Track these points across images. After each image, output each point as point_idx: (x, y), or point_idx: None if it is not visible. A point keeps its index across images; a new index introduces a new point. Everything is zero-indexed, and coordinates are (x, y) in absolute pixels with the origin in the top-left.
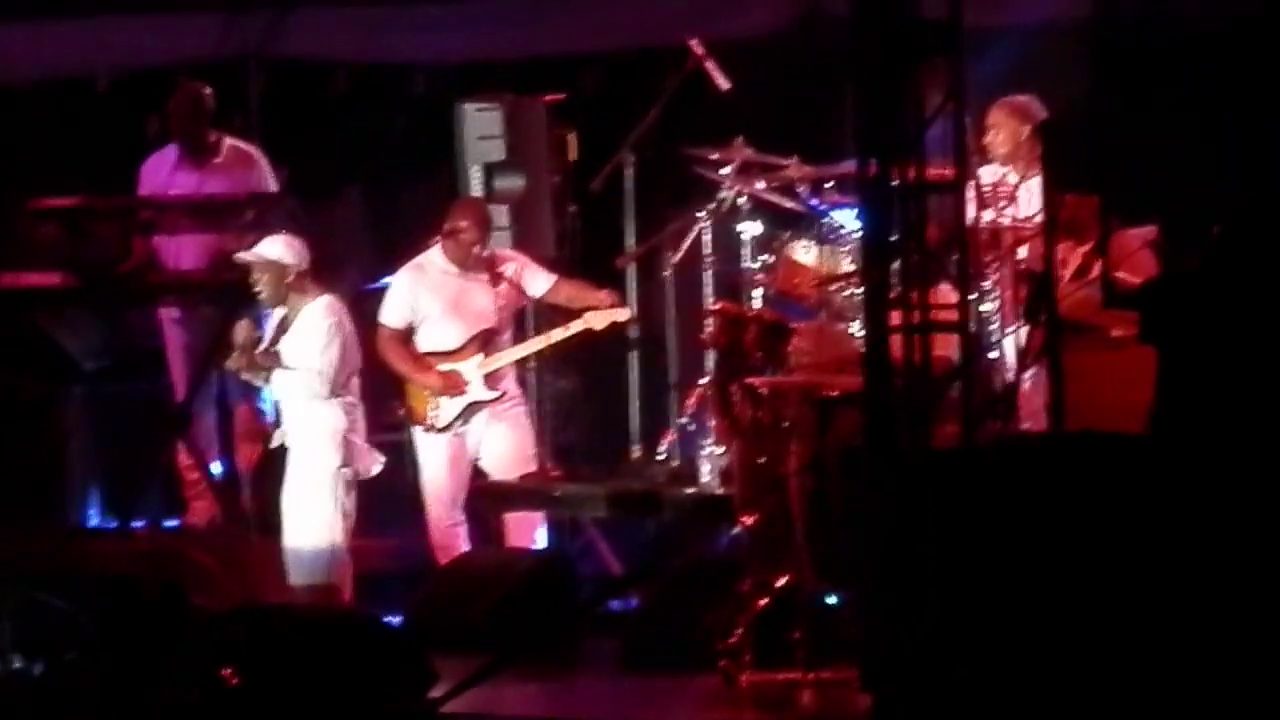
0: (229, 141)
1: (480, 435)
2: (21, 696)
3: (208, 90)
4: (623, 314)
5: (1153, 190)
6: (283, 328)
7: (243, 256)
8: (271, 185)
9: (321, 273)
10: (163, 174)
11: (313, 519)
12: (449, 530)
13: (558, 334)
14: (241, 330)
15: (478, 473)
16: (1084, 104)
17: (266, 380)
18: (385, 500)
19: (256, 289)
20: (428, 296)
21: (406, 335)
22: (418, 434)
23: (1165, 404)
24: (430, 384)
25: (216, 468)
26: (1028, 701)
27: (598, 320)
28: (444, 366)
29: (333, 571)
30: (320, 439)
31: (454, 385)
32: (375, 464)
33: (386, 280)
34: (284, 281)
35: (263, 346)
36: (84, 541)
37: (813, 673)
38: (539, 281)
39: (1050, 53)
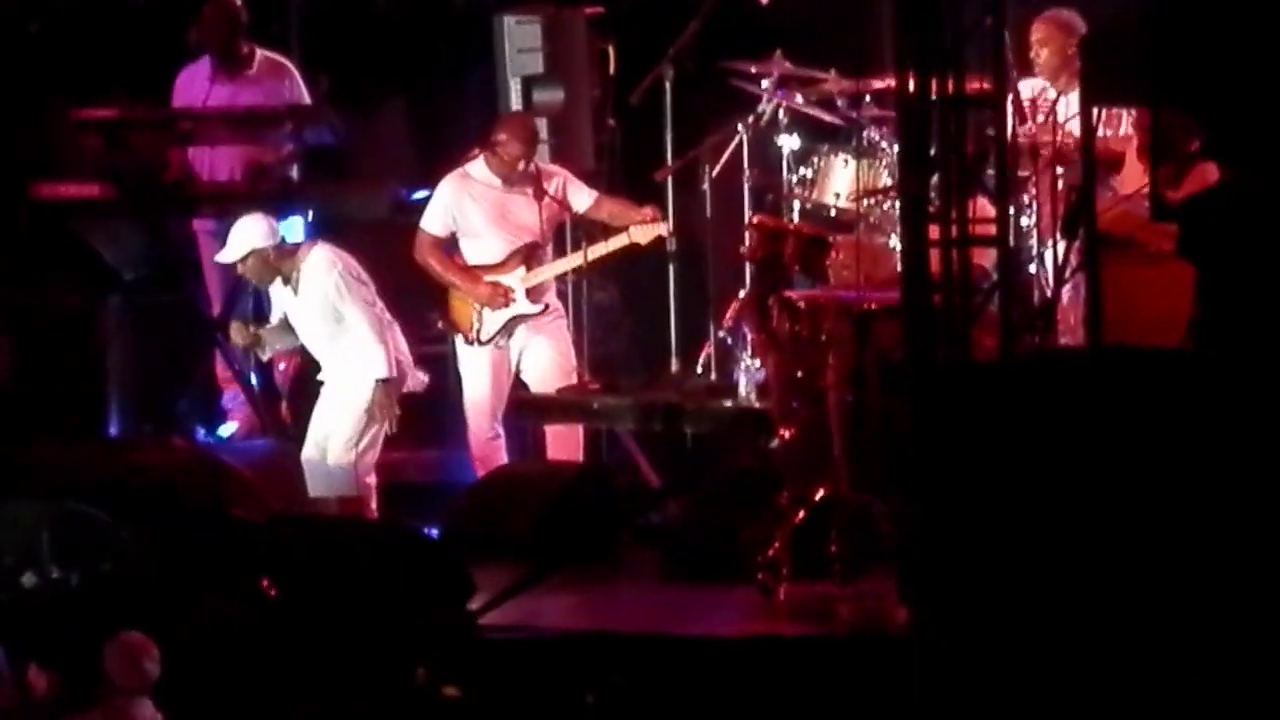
0: (262, 53)
1: (521, 348)
2: (59, 606)
3: (239, 1)
4: (665, 228)
5: (1200, 105)
6: (285, 294)
7: (221, 259)
8: (305, 96)
9: (359, 184)
10: (197, 86)
11: (338, 433)
12: (489, 443)
13: (600, 248)
14: (238, 334)
15: (519, 385)
16: (1125, 18)
17: (287, 344)
18: (425, 411)
19: (247, 278)
20: (471, 206)
21: (447, 243)
22: (459, 346)
23: (1204, 318)
24: (478, 294)
25: (254, 379)
26: (1062, 613)
27: (641, 235)
28: (487, 279)
29: (352, 485)
30: (360, 364)
31: (501, 296)
32: (419, 382)
33: (426, 192)
34: (268, 261)
35: (273, 324)
36: (122, 452)
37: (850, 585)
38: (582, 197)
39: None
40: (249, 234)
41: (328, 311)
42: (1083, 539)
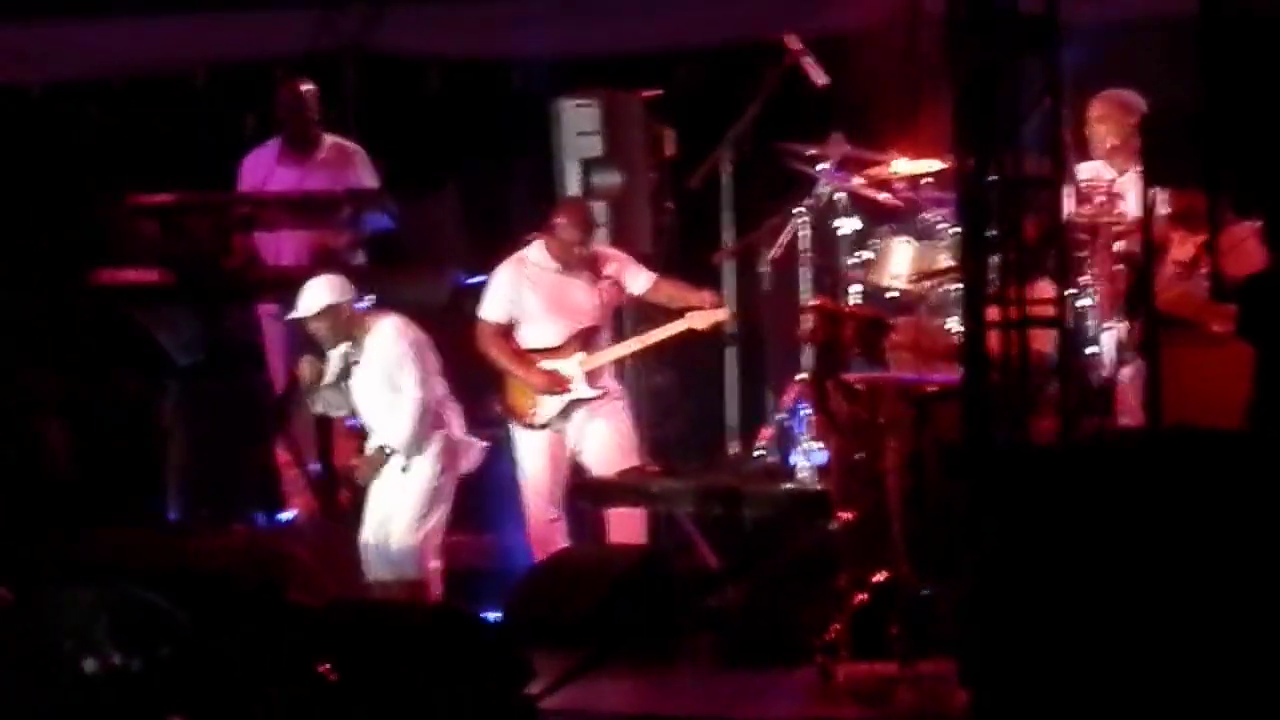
0: (330, 138)
1: (580, 431)
2: (119, 692)
3: (312, 86)
4: (723, 314)
5: (1258, 183)
6: (350, 360)
7: (294, 317)
8: (372, 182)
9: (420, 270)
10: (264, 169)
11: (401, 514)
12: (548, 525)
13: (658, 333)
14: (306, 367)
15: (578, 468)
16: (1183, 98)
17: (341, 409)
18: (484, 496)
19: (319, 338)
20: (529, 292)
21: (507, 330)
22: (517, 430)
23: (1264, 400)
24: (534, 382)
25: (314, 464)
26: (1124, 696)
27: (700, 320)
28: (545, 364)
29: (416, 567)
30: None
31: (558, 384)
32: (476, 455)
33: (483, 277)
34: (341, 320)
35: (329, 380)
36: (181, 538)
37: (909, 668)
38: (639, 280)
39: (1147, 46)
40: (325, 291)
41: (386, 381)
42: (1144, 620)
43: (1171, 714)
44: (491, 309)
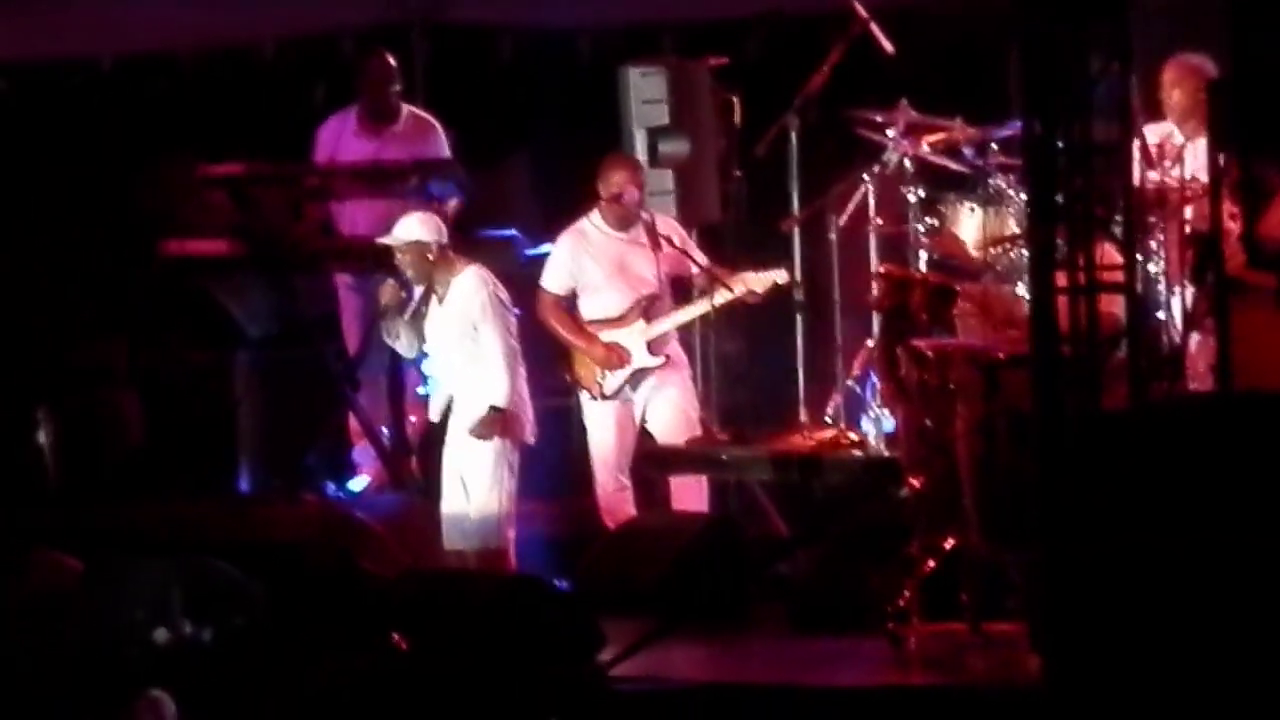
0: (409, 109)
1: (646, 399)
2: (192, 662)
3: (393, 58)
4: (781, 275)
5: None
6: (430, 301)
7: (383, 240)
8: (445, 154)
9: (488, 239)
10: (341, 138)
11: (477, 483)
12: (616, 495)
13: (718, 298)
14: (387, 291)
15: (645, 436)
16: (1253, 63)
17: (412, 347)
18: (553, 464)
19: (402, 270)
20: (590, 262)
21: (569, 301)
22: (584, 399)
23: None
24: (595, 355)
25: (384, 433)
26: (1194, 663)
27: (757, 283)
28: (607, 334)
29: (497, 536)
30: (481, 402)
31: (618, 357)
32: (532, 426)
33: (546, 247)
34: (426, 258)
35: (409, 313)
36: (253, 508)
37: (980, 634)
38: (696, 259)
39: (1215, 11)
40: (416, 226)
41: (466, 328)
42: (1215, 587)
43: (1241, 686)
44: (551, 279)
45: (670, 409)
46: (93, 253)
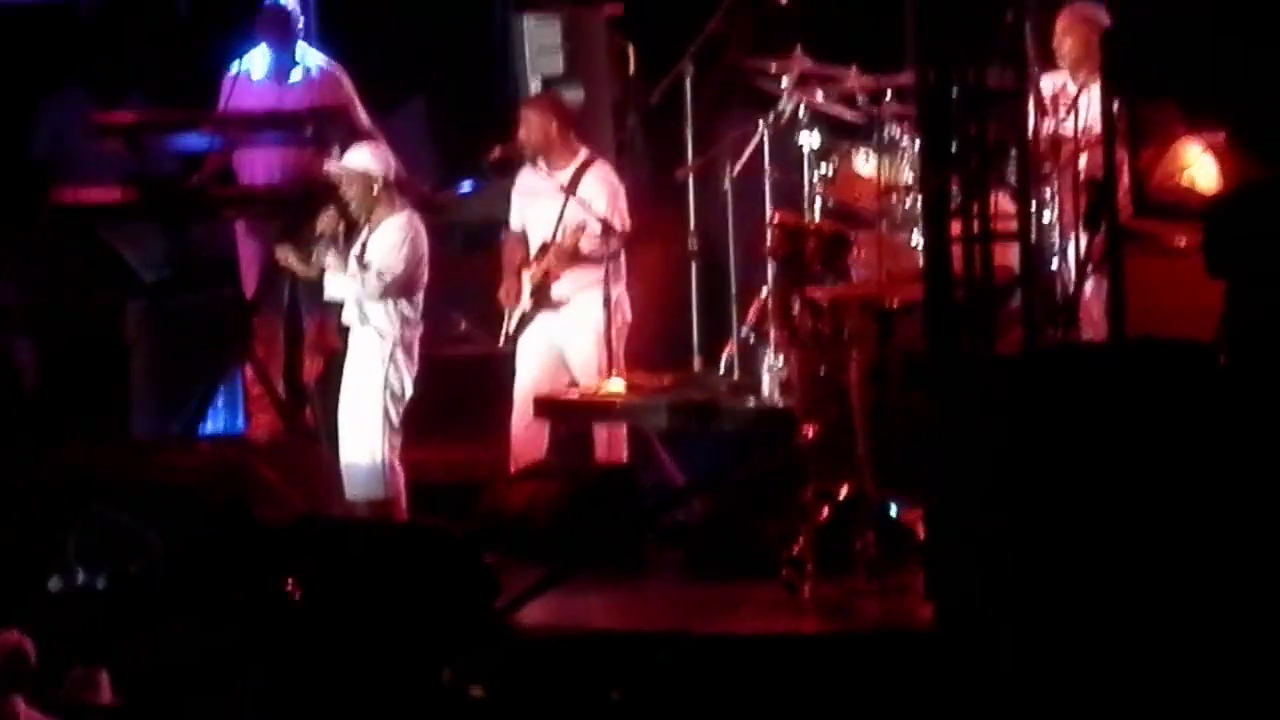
0: (313, 55)
1: (560, 345)
2: (86, 609)
3: (295, 9)
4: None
5: (1222, 98)
6: (361, 235)
7: (329, 168)
8: (354, 102)
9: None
10: (242, 86)
11: (364, 433)
12: (522, 436)
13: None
14: (325, 219)
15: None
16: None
17: (334, 282)
18: (453, 412)
19: (345, 201)
20: (517, 199)
21: (521, 238)
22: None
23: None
24: (500, 291)
25: (280, 380)
26: (1089, 608)
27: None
28: (525, 275)
29: (387, 485)
30: (371, 352)
31: (508, 296)
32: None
33: (465, 184)
34: (371, 192)
35: (338, 245)
36: (147, 455)
37: (875, 581)
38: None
39: None
40: (368, 158)
41: (376, 260)
42: (1109, 530)
43: (1135, 626)
44: (511, 216)
45: (576, 355)
46: None
